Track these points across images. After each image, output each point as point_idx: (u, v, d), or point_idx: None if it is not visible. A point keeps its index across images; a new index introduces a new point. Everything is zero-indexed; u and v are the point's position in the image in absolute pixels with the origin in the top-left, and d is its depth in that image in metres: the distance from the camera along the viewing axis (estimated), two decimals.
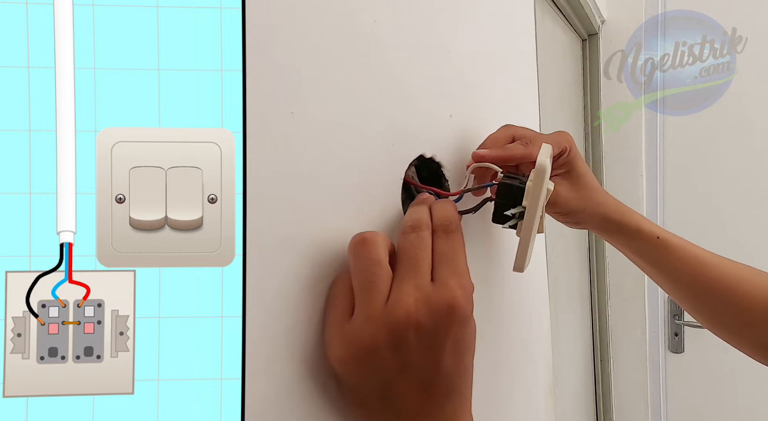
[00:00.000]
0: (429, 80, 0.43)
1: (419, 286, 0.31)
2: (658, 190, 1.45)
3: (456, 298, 0.30)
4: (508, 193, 0.39)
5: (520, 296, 0.60)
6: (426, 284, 0.31)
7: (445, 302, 0.30)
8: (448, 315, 0.30)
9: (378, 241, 0.32)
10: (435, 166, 0.44)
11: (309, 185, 0.31)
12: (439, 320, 0.30)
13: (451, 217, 0.35)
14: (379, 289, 0.31)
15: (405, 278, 0.31)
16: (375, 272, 0.31)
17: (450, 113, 0.46)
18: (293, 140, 0.30)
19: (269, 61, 0.28)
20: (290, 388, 0.30)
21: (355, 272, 0.32)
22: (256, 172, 0.28)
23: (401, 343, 0.30)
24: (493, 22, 0.56)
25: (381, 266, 0.31)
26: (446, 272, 0.32)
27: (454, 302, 0.30)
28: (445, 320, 0.30)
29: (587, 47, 1.50)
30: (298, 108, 0.30)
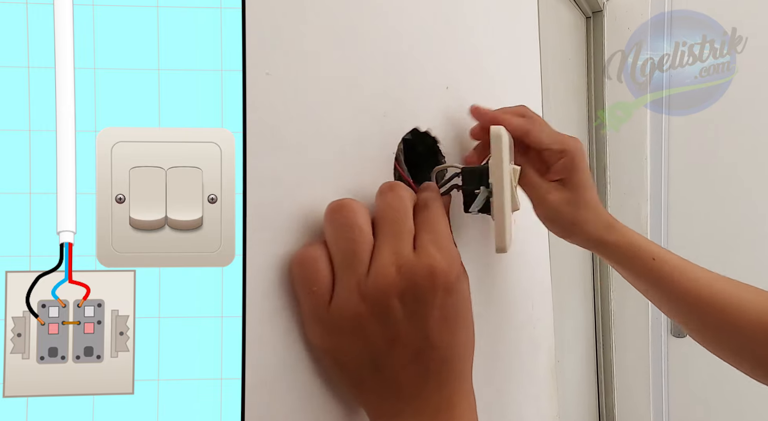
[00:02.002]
0: (425, 49, 0.41)
1: (399, 252, 0.30)
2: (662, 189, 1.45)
3: (436, 263, 0.29)
4: (473, 178, 0.38)
5: (521, 280, 0.60)
6: (406, 250, 0.30)
7: (425, 268, 0.29)
8: (430, 282, 0.29)
9: (356, 207, 0.30)
10: (431, 142, 0.42)
11: (308, 184, 0.31)
12: (422, 288, 0.29)
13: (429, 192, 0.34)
14: (361, 258, 0.29)
15: (385, 245, 0.30)
16: (355, 239, 0.29)
17: (447, 85, 0.44)
18: (292, 139, 0.30)
19: (269, 60, 0.28)
20: (290, 388, 0.29)
21: (334, 240, 0.30)
22: (256, 172, 0.28)
23: (386, 313, 0.29)
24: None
25: (362, 232, 0.30)
26: (426, 238, 0.31)
27: (434, 268, 0.29)
28: (428, 287, 0.29)
29: (591, 25, 1.44)
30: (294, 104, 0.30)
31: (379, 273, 0.29)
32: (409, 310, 0.29)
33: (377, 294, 0.29)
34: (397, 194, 0.32)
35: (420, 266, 0.29)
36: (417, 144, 0.42)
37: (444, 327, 0.30)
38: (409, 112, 0.39)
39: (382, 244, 0.30)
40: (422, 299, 0.29)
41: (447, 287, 0.30)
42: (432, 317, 0.29)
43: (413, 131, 0.40)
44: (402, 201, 0.31)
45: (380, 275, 0.29)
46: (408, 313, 0.29)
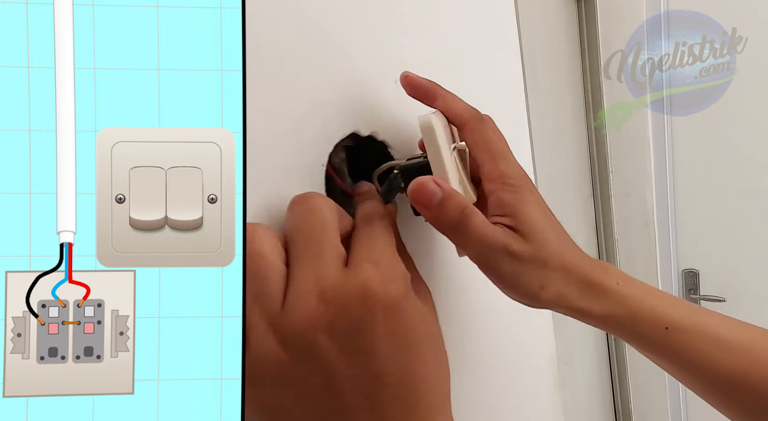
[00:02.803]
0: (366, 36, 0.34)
1: (321, 275, 0.24)
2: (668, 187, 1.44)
3: (370, 281, 0.24)
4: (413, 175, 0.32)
5: None
6: (331, 271, 0.24)
7: (357, 289, 0.24)
8: (363, 304, 0.23)
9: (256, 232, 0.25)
10: (380, 147, 0.36)
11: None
12: (354, 313, 0.23)
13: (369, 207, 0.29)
14: (267, 292, 0.24)
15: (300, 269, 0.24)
16: (257, 270, 0.25)
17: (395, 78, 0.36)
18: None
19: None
20: None
21: None
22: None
23: (313, 354, 0.23)
24: None
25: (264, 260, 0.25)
26: (360, 255, 0.25)
27: (367, 287, 0.23)
28: (363, 313, 0.23)
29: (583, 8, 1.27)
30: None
31: (296, 306, 0.23)
32: (343, 344, 0.23)
33: (297, 332, 0.23)
34: (309, 206, 0.26)
35: (349, 286, 0.24)
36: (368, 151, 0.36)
37: (395, 359, 0.24)
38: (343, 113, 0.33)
39: (296, 269, 0.25)
40: (358, 329, 0.24)
41: (388, 307, 0.24)
42: (376, 350, 0.24)
43: (353, 136, 0.34)
44: (316, 213, 0.26)
45: (298, 308, 0.23)
46: (341, 349, 0.23)
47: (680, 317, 0.36)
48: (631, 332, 0.36)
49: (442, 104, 0.35)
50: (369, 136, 0.35)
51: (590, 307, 0.35)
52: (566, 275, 0.34)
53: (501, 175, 0.34)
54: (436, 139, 0.31)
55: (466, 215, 0.30)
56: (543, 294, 0.34)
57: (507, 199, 0.33)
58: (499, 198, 0.34)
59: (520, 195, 0.34)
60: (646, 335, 0.36)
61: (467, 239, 0.32)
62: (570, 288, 0.34)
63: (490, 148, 0.34)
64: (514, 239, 0.33)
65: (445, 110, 0.35)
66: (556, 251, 0.34)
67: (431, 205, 0.30)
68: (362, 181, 0.34)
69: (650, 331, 0.36)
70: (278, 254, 0.25)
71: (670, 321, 0.35)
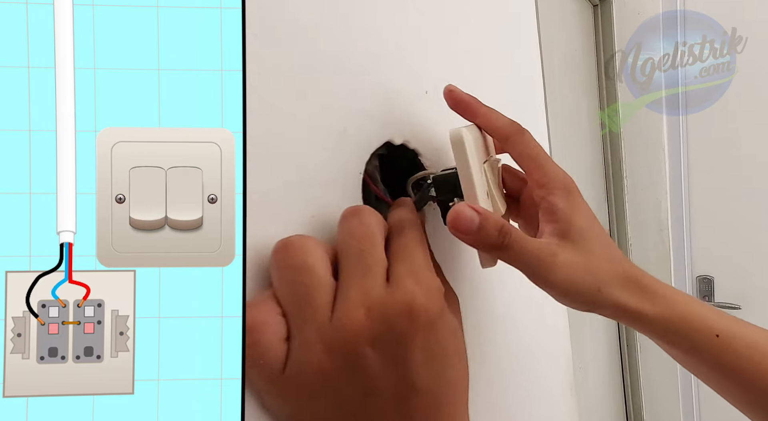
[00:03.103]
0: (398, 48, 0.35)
1: (368, 291, 0.25)
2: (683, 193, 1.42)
3: (415, 300, 0.25)
4: (446, 187, 0.34)
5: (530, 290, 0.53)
6: (377, 286, 0.26)
7: (402, 306, 0.25)
8: (408, 322, 0.25)
9: (305, 243, 0.26)
10: (411, 155, 0.38)
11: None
12: (398, 330, 0.25)
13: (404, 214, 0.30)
14: (317, 304, 0.25)
15: (350, 283, 0.26)
16: (306, 283, 0.25)
17: (426, 89, 0.38)
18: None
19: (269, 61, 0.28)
20: None
21: (282, 287, 0.26)
22: (256, 172, 0.27)
23: (358, 364, 0.25)
24: None
25: (313, 274, 0.26)
26: (401, 269, 0.27)
27: (413, 306, 0.25)
28: (406, 328, 0.25)
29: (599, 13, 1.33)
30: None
31: (345, 318, 0.25)
32: (387, 357, 0.25)
33: (345, 344, 0.24)
34: (361, 221, 0.27)
35: (394, 304, 0.25)
36: (398, 160, 0.37)
37: (429, 370, 0.26)
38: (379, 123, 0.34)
39: (346, 283, 0.26)
40: (400, 342, 0.25)
41: (429, 325, 0.26)
42: (414, 361, 0.25)
43: (387, 145, 0.35)
44: (367, 228, 0.27)
45: (346, 321, 0.25)
46: (384, 360, 0.25)
47: (728, 326, 0.36)
48: (681, 337, 0.36)
49: (483, 120, 0.36)
50: (401, 144, 0.36)
51: (644, 309, 0.35)
52: (621, 278, 0.35)
53: (551, 181, 0.35)
54: (465, 153, 0.32)
55: (505, 233, 0.31)
56: (600, 298, 0.34)
57: (558, 205, 0.34)
58: (550, 204, 0.34)
59: (570, 201, 0.35)
60: (696, 342, 0.36)
61: (510, 256, 0.32)
62: (626, 291, 0.35)
63: (536, 158, 0.35)
64: (560, 247, 0.33)
65: (486, 126, 0.36)
66: (607, 255, 0.35)
67: (471, 231, 0.31)
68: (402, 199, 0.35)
69: (700, 337, 0.36)
70: (326, 267, 0.26)
71: (721, 328, 0.36)
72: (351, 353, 0.25)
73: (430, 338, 0.26)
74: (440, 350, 0.27)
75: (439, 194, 0.35)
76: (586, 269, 0.33)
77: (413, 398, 0.26)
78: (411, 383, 0.25)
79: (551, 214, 0.34)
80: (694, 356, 0.37)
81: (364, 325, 0.25)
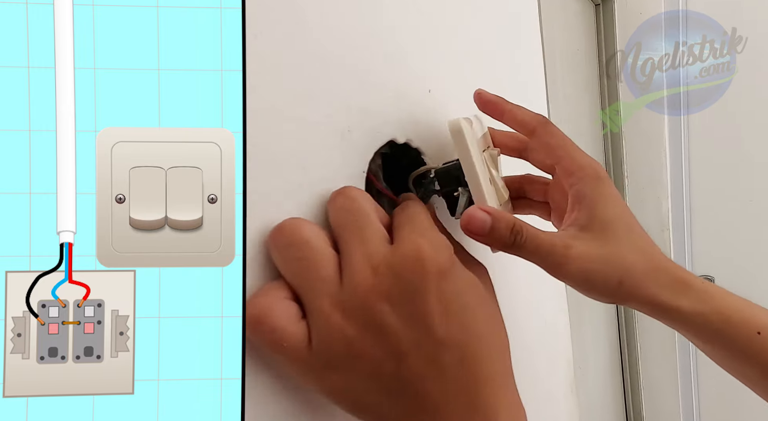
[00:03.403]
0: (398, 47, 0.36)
1: (372, 253, 0.25)
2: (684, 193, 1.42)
3: (421, 249, 0.25)
4: (449, 179, 0.35)
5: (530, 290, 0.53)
6: (381, 247, 0.26)
7: (409, 257, 0.25)
8: (418, 272, 0.25)
9: (298, 222, 0.26)
10: (414, 154, 0.38)
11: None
12: (409, 278, 0.24)
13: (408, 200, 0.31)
14: (323, 274, 0.25)
15: (352, 251, 0.25)
16: (308, 257, 0.25)
17: (429, 88, 0.38)
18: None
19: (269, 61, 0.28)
20: (290, 388, 0.29)
21: (285, 268, 0.26)
22: (256, 172, 0.27)
23: (378, 323, 0.24)
24: None
25: (313, 247, 0.26)
26: (405, 230, 0.27)
27: (419, 254, 0.25)
28: (417, 278, 0.25)
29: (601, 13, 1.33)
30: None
31: (354, 281, 0.25)
32: (402, 309, 0.25)
33: (360, 306, 0.24)
34: (347, 196, 0.27)
35: (400, 257, 0.25)
36: (400, 158, 0.38)
37: (450, 320, 0.25)
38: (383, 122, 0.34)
39: (346, 252, 0.26)
40: (413, 290, 0.25)
41: (440, 271, 0.25)
42: (432, 312, 0.25)
43: (390, 144, 0.35)
44: (355, 201, 0.27)
45: (356, 283, 0.25)
46: (402, 314, 0.25)
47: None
48: (720, 333, 0.34)
49: (509, 116, 0.37)
50: (404, 143, 0.36)
51: (679, 303, 0.33)
52: (652, 271, 0.33)
53: (580, 168, 0.34)
54: (465, 141, 0.33)
55: (517, 231, 0.31)
56: (623, 290, 0.33)
57: (585, 192, 0.33)
58: (578, 191, 0.34)
59: (599, 189, 0.34)
60: (736, 338, 0.34)
61: (525, 253, 0.32)
62: (658, 284, 0.33)
63: (563, 146, 0.35)
64: (576, 239, 0.32)
65: (512, 121, 0.37)
66: (636, 245, 0.33)
67: (484, 233, 0.31)
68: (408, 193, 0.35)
69: (740, 334, 0.34)
70: (325, 240, 0.26)
71: (762, 325, 0.33)
72: (368, 312, 0.24)
73: (444, 287, 0.25)
74: (459, 301, 0.26)
75: (443, 187, 0.35)
76: (606, 260, 0.32)
77: (443, 354, 0.25)
78: (436, 338, 0.24)
79: (577, 202, 0.34)
80: (732, 353, 0.35)
81: (373, 282, 0.25)
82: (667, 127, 1.41)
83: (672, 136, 1.42)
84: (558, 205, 0.38)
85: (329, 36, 0.32)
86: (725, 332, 0.34)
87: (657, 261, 0.34)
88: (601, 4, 1.35)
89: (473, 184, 0.33)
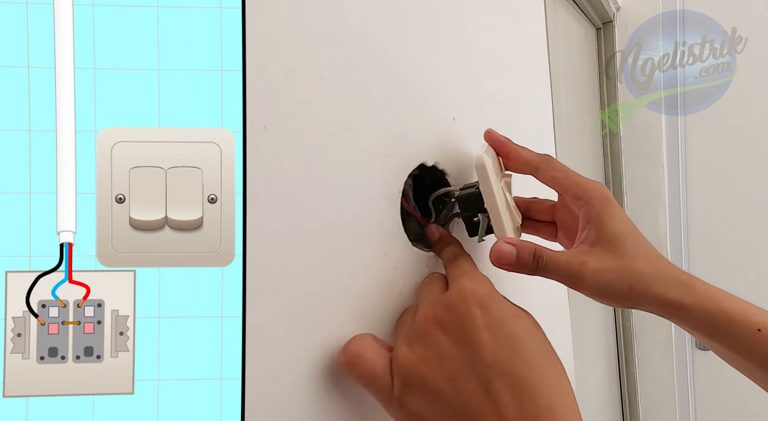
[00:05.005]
0: (428, 81, 0.41)
1: (432, 299, 0.32)
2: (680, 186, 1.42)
3: (464, 285, 0.31)
4: (469, 205, 0.39)
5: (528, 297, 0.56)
6: (438, 293, 0.32)
7: (455, 292, 0.31)
8: (462, 303, 0.30)
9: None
10: (439, 175, 0.42)
11: (310, 187, 0.31)
12: (456, 310, 0.30)
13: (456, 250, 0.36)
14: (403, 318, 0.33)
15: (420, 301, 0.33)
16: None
17: (453, 116, 0.43)
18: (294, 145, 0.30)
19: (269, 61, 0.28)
20: (291, 388, 0.29)
21: None
22: (256, 172, 0.28)
23: (435, 347, 0.29)
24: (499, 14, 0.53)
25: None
26: (454, 275, 0.33)
27: (462, 289, 0.30)
28: (463, 308, 0.29)
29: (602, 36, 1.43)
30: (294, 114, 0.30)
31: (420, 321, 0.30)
32: (455, 336, 0.29)
33: (420, 334, 0.30)
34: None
35: (450, 294, 0.31)
36: (425, 177, 0.42)
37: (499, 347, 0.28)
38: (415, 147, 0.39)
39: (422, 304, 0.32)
40: (461, 319, 0.29)
41: (481, 302, 0.30)
42: (480, 336, 0.28)
43: (420, 166, 0.40)
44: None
45: (421, 322, 0.30)
46: (454, 339, 0.29)
47: None
48: (723, 330, 0.37)
49: (515, 156, 0.41)
50: (433, 165, 0.41)
51: (684, 299, 0.36)
52: (659, 275, 0.36)
53: (586, 192, 0.38)
54: (488, 176, 0.37)
55: (538, 257, 0.35)
56: (635, 294, 0.36)
57: (593, 213, 0.37)
58: (587, 212, 0.38)
59: (606, 208, 0.37)
60: (738, 335, 0.36)
61: (546, 274, 0.36)
62: (665, 286, 0.36)
63: (567, 177, 0.40)
64: (589, 254, 0.37)
65: (516, 160, 0.41)
66: (642, 254, 0.37)
67: (512, 263, 0.35)
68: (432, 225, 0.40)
69: (742, 331, 0.36)
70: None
71: (762, 323, 0.36)
72: (427, 338, 0.29)
73: (488, 316, 0.29)
74: (505, 330, 0.29)
75: (464, 211, 0.40)
76: (617, 270, 0.36)
77: (494, 379, 0.27)
78: (483, 359, 0.28)
79: (587, 222, 0.38)
80: (734, 351, 0.38)
81: (432, 317, 0.30)
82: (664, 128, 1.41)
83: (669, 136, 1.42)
84: (564, 223, 0.43)
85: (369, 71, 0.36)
86: (728, 329, 0.37)
87: (663, 267, 0.37)
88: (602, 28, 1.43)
89: (494, 214, 0.38)
